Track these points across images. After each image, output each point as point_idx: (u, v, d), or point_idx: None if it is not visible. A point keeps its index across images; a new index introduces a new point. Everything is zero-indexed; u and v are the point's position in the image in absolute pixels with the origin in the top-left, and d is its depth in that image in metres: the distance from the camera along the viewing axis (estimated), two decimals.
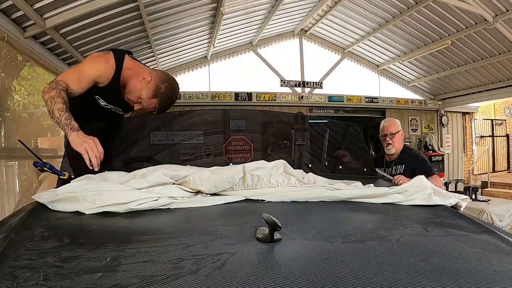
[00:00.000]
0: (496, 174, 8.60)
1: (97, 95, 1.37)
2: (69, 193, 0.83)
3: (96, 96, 1.38)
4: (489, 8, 4.46)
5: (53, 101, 1.15)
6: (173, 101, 1.43)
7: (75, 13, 3.03)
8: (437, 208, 0.92)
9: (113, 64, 1.33)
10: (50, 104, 1.15)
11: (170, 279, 0.45)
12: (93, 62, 1.32)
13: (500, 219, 4.25)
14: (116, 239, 0.63)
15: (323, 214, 0.86)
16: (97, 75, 1.30)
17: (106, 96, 1.40)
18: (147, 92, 1.35)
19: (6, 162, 2.97)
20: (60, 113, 1.14)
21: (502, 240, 0.64)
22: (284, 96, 6.53)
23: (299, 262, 0.52)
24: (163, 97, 1.37)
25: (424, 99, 7.55)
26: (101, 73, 1.31)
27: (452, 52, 5.73)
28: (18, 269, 0.48)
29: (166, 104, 1.41)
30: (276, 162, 1.07)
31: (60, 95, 1.17)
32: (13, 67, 3.14)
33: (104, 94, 1.38)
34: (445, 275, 0.47)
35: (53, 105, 1.15)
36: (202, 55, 6.12)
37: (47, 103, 1.16)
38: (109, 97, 1.40)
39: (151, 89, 1.35)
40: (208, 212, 0.87)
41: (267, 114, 2.44)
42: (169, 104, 1.43)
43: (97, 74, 1.30)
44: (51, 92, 1.17)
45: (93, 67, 1.30)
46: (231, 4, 4.49)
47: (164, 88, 1.36)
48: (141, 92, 1.35)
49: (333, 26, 6.31)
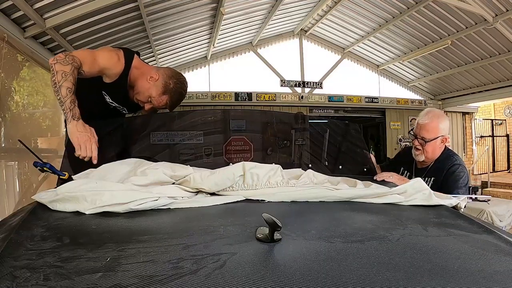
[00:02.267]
0: (496, 174, 8.60)
1: (104, 90, 1.38)
2: (69, 193, 0.83)
3: (103, 92, 1.38)
4: (489, 8, 4.46)
5: (65, 77, 1.11)
6: (183, 95, 1.43)
7: (75, 13, 3.03)
8: (437, 208, 0.92)
9: (123, 61, 1.34)
10: (59, 78, 1.10)
11: (170, 279, 0.45)
12: (108, 52, 1.33)
13: (500, 219, 4.24)
14: (116, 239, 0.63)
15: (323, 214, 0.86)
16: (108, 67, 1.30)
17: (112, 93, 1.40)
18: (156, 90, 1.36)
19: (6, 162, 2.97)
20: (68, 93, 1.11)
21: (502, 240, 0.64)
22: (284, 96, 6.53)
23: (299, 262, 0.52)
24: (173, 92, 1.38)
25: (424, 99, 7.55)
26: (112, 66, 1.31)
27: (452, 52, 5.73)
28: (18, 269, 0.48)
29: (177, 99, 1.41)
30: (272, 166, 1.08)
31: (73, 74, 1.13)
32: (13, 67, 3.14)
33: (111, 91, 1.39)
34: (445, 275, 0.47)
35: (63, 81, 1.10)
36: (202, 55, 6.12)
37: (57, 75, 1.11)
38: (116, 94, 1.40)
39: (160, 87, 1.36)
40: (208, 212, 0.87)
41: (267, 114, 2.44)
42: (179, 99, 1.43)
43: (108, 65, 1.30)
44: (66, 66, 1.12)
45: (107, 57, 1.30)
46: (231, 4, 4.49)
47: (173, 83, 1.37)
48: (150, 91, 1.36)
49: (333, 26, 6.31)
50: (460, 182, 1.64)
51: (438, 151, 1.74)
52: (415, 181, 1.02)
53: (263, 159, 1.60)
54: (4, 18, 2.71)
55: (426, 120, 1.71)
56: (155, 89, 1.36)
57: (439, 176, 1.67)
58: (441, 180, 1.66)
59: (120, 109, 1.49)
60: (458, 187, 1.63)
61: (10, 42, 2.78)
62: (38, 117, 3.69)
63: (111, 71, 1.32)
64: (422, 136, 1.69)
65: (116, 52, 1.34)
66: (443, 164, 1.69)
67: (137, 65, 1.38)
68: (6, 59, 2.83)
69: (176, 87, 1.38)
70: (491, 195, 6.27)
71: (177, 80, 1.40)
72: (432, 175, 1.70)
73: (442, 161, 1.71)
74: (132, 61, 1.37)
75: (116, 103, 1.45)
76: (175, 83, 1.38)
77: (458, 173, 1.66)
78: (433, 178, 1.69)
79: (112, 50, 1.35)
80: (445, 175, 1.66)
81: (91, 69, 1.25)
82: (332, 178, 1.19)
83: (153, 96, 1.36)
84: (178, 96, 1.41)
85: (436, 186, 1.62)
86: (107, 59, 1.30)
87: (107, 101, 1.41)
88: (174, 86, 1.38)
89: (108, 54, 1.32)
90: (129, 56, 1.36)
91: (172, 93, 1.38)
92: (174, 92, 1.38)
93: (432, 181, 1.69)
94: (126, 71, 1.35)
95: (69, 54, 1.18)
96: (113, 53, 1.33)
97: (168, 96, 1.37)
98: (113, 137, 1.53)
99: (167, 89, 1.37)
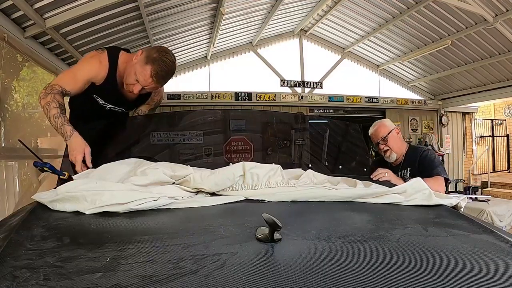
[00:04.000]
0: (496, 174, 8.60)
1: (94, 94, 1.38)
2: (69, 193, 0.83)
3: (94, 95, 1.39)
4: (489, 8, 4.46)
5: (48, 107, 1.19)
6: (169, 65, 1.31)
7: (75, 13, 3.03)
8: (437, 208, 0.92)
9: (106, 63, 1.34)
10: (46, 111, 1.19)
11: (170, 279, 0.45)
12: (87, 63, 1.35)
13: (500, 219, 4.24)
14: (116, 239, 0.63)
15: (323, 214, 0.86)
16: (91, 76, 1.32)
17: (103, 95, 1.40)
18: (140, 64, 1.28)
19: (6, 162, 2.97)
20: (55, 120, 1.18)
21: (502, 240, 0.64)
22: (284, 96, 6.53)
23: (299, 262, 0.52)
24: (157, 61, 1.28)
25: (424, 99, 7.54)
26: (95, 73, 1.32)
27: (452, 52, 5.73)
28: (18, 269, 0.48)
29: (161, 69, 1.29)
30: (272, 166, 1.08)
31: (55, 99, 1.20)
32: (13, 67, 3.14)
33: (101, 93, 1.39)
34: (445, 275, 0.47)
35: (49, 112, 1.19)
36: (202, 55, 6.11)
37: (44, 110, 1.20)
38: (106, 95, 1.41)
39: (143, 58, 1.29)
40: (208, 212, 0.87)
41: (267, 114, 2.44)
42: (165, 69, 1.30)
43: (91, 75, 1.32)
44: (47, 97, 1.20)
45: (86, 68, 1.33)
46: (231, 4, 4.49)
47: (155, 53, 1.29)
48: (135, 68, 1.29)
49: (333, 26, 6.31)
50: (436, 161, 1.86)
51: (401, 143, 1.97)
52: (415, 181, 1.02)
53: (263, 159, 1.60)
54: (4, 18, 2.70)
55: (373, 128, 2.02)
56: (139, 64, 1.29)
57: (414, 165, 1.87)
58: (417, 167, 1.85)
59: (116, 109, 1.49)
60: (436, 165, 1.83)
61: (10, 42, 2.78)
62: (38, 117, 3.69)
63: (97, 77, 1.33)
64: (381, 137, 1.93)
65: (98, 57, 1.34)
66: (413, 155, 1.92)
67: (125, 59, 1.37)
68: (6, 59, 2.83)
69: (159, 56, 1.28)
70: (491, 195, 6.26)
71: (160, 49, 1.32)
72: (408, 166, 1.91)
73: (411, 153, 1.94)
74: (118, 58, 1.36)
75: (110, 104, 1.45)
76: (157, 52, 1.30)
77: (430, 155, 1.89)
78: (409, 168, 1.89)
79: (92, 56, 1.35)
80: (419, 161, 1.86)
81: (75, 86, 1.29)
82: (332, 178, 1.19)
83: (138, 71, 1.28)
84: (162, 65, 1.29)
85: (414, 173, 1.80)
86: (86, 70, 1.32)
87: (100, 103, 1.42)
88: (157, 55, 1.28)
89: (87, 65, 1.34)
90: (113, 55, 1.36)
91: (156, 62, 1.27)
92: (157, 60, 1.28)
93: (409, 171, 1.88)
94: (113, 71, 1.35)
95: (48, 86, 1.25)
96: (92, 60, 1.33)
97: (151, 65, 1.27)
98: (113, 138, 1.53)
99: (149, 59, 1.28)
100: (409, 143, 2.08)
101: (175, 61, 1.35)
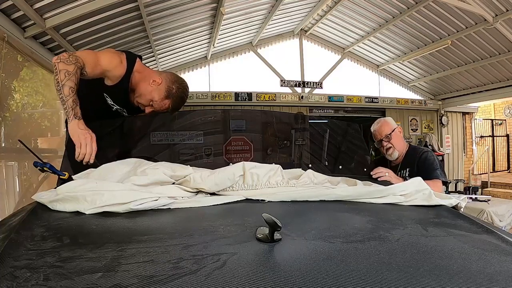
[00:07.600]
0: (496, 174, 8.60)
1: (105, 92, 1.39)
2: (69, 193, 0.83)
3: (105, 94, 1.39)
4: (489, 8, 4.46)
5: (67, 76, 1.12)
6: (184, 100, 1.46)
7: (75, 13, 3.03)
8: (437, 208, 0.92)
9: (125, 64, 1.35)
10: (62, 77, 1.11)
11: (170, 279, 0.45)
12: (110, 55, 1.34)
13: (500, 219, 4.24)
14: (116, 239, 0.63)
15: (323, 214, 0.86)
16: (110, 69, 1.31)
17: (114, 95, 1.41)
18: (159, 94, 1.37)
19: (6, 162, 2.97)
20: (70, 92, 1.12)
21: (502, 240, 0.64)
22: (284, 96, 6.53)
23: (299, 262, 0.52)
24: (176, 97, 1.40)
25: (424, 99, 7.54)
26: (114, 68, 1.32)
27: (452, 52, 5.73)
28: (18, 269, 0.48)
29: (178, 103, 1.43)
30: (272, 166, 1.08)
31: (76, 74, 1.14)
32: (13, 67, 3.14)
33: (113, 93, 1.39)
34: (445, 275, 0.47)
35: (66, 80, 1.11)
36: (202, 55, 6.11)
37: (60, 74, 1.12)
38: (117, 96, 1.41)
39: (163, 91, 1.37)
40: (208, 212, 0.87)
41: (267, 114, 2.43)
42: (181, 104, 1.45)
43: (110, 68, 1.31)
44: (69, 66, 1.13)
45: (109, 59, 1.31)
46: (231, 4, 4.49)
47: (175, 88, 1.39)
48: (152, 95, 1.37)
49: (333, 26, 6.31)
50: (435, 164, 1.87)
51: (402, 142, 2.00)
52: (415, 181, 1.01)
53: (263, 159, 1.60)
54: (4, 18, 2.71)
55: (377, 125, 2.03)
56: (157, 92, 1.37)
57: (413, 165, 1.89)
58: (416, 168, 1.87)
59: (121, 111, 1.49)
60: (435, 168, 1.85)
61: (10, 42, 2.78)
62: (38, 117, 3.69)
63: (113, 73, 1.32)
64: (385, 134, 1.95)
65: (119, 55, 1.35)
66: (413, 155, 1.94)
67: (139, 69, 1.39)
68: (6, 59, 2.83)
69: (178, 92, 1.40)
70: (491, 195, 6.26)
71: (180, 85, 1.41)
72: (406, 166, 1.92)
73: (411, 154, 1.96)
74: (134, 64, 1.38)
75: (118, 105, 1.45)
76: (177, 88, 1.40)
77: (430, 157, 1.90)
78: (408, 168, 1.91)
79: (115, 52, 1.36)
80: (418, 163, 1.88)
81: (94, 70, 1.26)
82: (332, 178, 1.19)
83: (156, 99, 1.37)
84: (180, 101, 1.43)
85: (412, 174, 1.82)
86: (109, 61, 1.30)
87: (108, 103, 1.42)
88: (177, 91, 1.39)
89: (110, 56, 1.32)
90: (131, 60, 1.37)
91: (175, 98, 1.39)
92: (176, 96, 1.40)
93: (408, 171, 1.90)
94: (128, 74, 1.35)
95: (72, 54, 1.18)
96: (115, 55, 1.34)
97: (171, 100, 1.39)
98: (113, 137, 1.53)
99: (170, 94, 1.38)
100: (409, 144, 2.10)
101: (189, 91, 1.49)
